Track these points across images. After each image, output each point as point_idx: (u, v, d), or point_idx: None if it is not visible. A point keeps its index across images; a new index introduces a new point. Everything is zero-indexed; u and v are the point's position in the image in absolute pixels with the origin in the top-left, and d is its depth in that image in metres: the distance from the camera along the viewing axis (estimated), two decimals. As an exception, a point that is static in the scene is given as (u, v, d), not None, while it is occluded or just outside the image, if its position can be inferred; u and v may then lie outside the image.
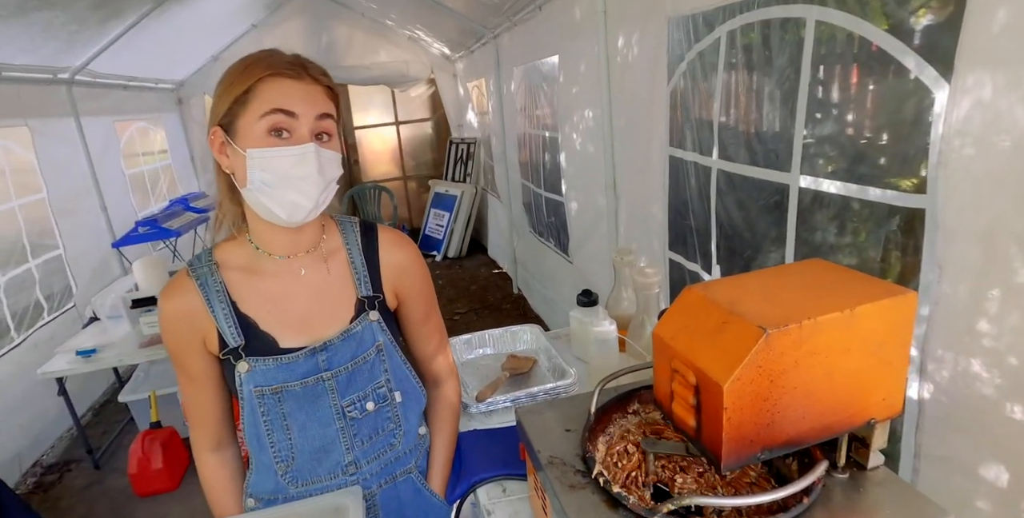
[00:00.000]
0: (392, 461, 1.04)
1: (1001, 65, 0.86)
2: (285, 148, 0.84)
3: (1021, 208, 0.89)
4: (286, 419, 0.95)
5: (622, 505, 0.68)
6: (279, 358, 0.93)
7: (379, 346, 0.98)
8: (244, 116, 0.84)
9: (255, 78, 0.84)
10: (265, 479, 1.00)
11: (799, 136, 1.27)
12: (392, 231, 1.05)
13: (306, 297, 0.96)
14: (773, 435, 0.64)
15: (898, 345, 0.67)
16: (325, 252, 0.98)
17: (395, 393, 1.01)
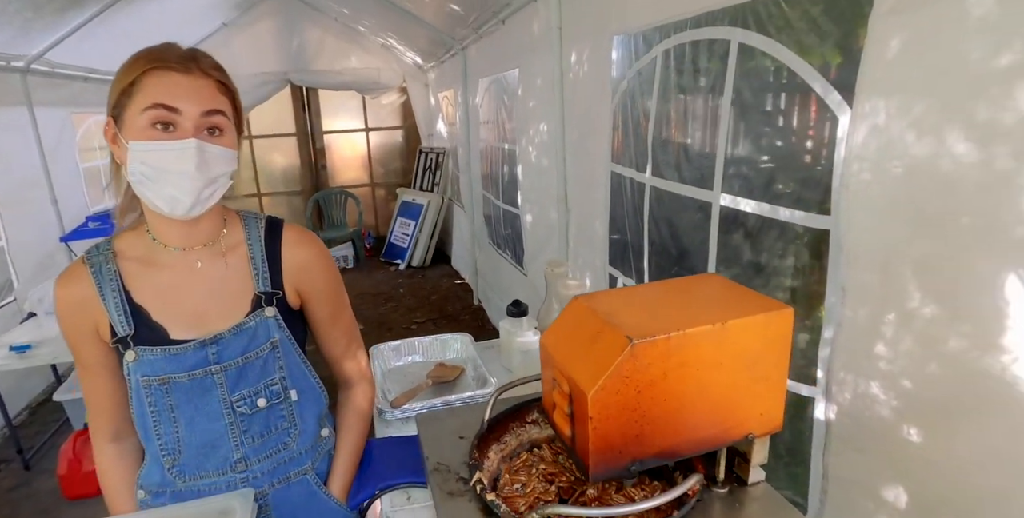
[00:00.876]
0: (286, 461, 1.01)
1: (895, 92, 0.89)
2: (165, 143, 0.83)
3: (914, 234, 0.92)
4: (173, 411, 0.94)
5: (494, 514, 0.67)
6: (167, 348, 0.91)
7: (274, 343, 0.96)
8: (130, 108, 0.83)
9: (140, 70, 0.83)
10: (153, 471, 0.99)
11: (721, 155, 1.30)
12: (298, 229, 1.03)
13: (200, 290, 0.95)
14: (643, 447, 0.64)
15: (775, 361, 0.68)
16: (224, 246, 0.97)
17: (291, 391, 0.99)
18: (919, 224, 0.89)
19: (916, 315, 0.92)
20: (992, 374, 0.82)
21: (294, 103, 6.68)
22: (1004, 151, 0.77)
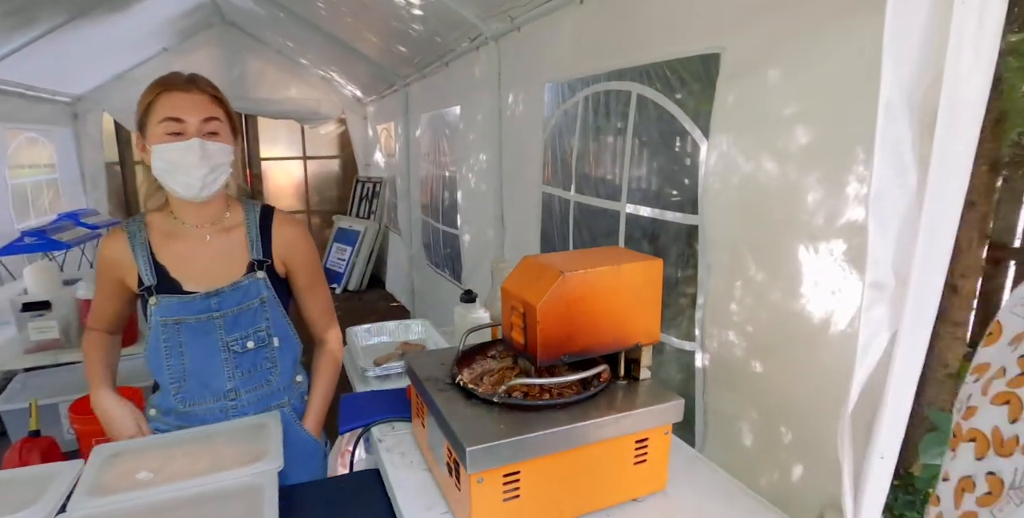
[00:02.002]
0: (268, 395, 1.32)
1: (731, 130, 1.34)
2: (176, 143, 1.16)
3: (748, 225, 1.35)
4: (181, 346, 1.24)
5: (474, 395, 1.00)
6: (181, 297, 1.23)
7: (262, 299, 1.28)
8: (150, 122, 1.17)
9: (155, 93, 1.17)
10: (163, 396, 1.28)
11: (625, 175, 1.72)
12: (286, 214, 1.38)
13: (208, 256, 1.27)
14: (572, 344, 0.99)
15: (651, 293, 1.06)
16: (228, 225, 1.30)
17: (274, 338, 1.31)
18: (750, 217, 1.33)
19: (752, 280, 1.34)
20: (797, 313, 1.23)
21: (232, 130, 6.79)
22: (792, 169, 1.21)
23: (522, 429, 0.90)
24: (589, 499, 1.00)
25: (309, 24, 4.44)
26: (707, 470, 1.15)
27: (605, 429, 0.96)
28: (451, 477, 0.97)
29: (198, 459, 1.03)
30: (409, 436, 1.28)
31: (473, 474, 0.87)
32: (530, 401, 0.98)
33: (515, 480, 0.91)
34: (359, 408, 1.38)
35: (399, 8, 3.07)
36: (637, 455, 1.01)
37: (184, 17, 5.27)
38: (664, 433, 1.03)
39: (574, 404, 0.98)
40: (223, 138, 1.21)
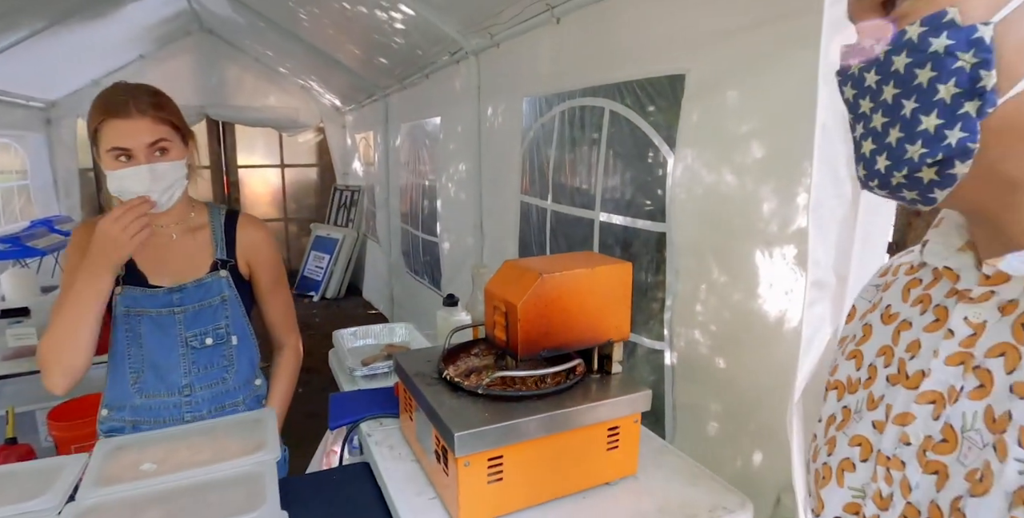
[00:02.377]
0: (223, 392, 1.36)
1: (695, 145, 1.46)
2: (125, 170, 1.20)
3: (711, 231, 1.46)
4: (141, 338, 1.28)
5: (460, 388, 1.08)
6: (144, 289, 1.28)
7: (224, 297, 1.34)
8: (99, 149, 1.22)
9: (97, 122, 1.20)
10: (119, 387, 1.30)
11: (599, 185, 1.83)
12: (251, 217, 1.44)
13: (174, 253, 1.33)
14: (549, 340, 1.08)
15: (622, 293, 1.15)
16: (193, 225, 1.36)
17: (232, 336, 1.36)
18: (712, 225, 1.44)
19: (715, 282, 1.46)
20: (754, 312, 1.35)
21: (209, 137, 6.77)
22: (749, 181, 1.33)
23: (505, 417, 0.99)
24: (566, 482, 1.09)
25: (290, 34, 4.50)
26: (675, 457, 1.25)
27: (580, 417, 1.05)
28: (439, 463, 1.05)
29: (199, 450, 1.09)
30: (396, 431, 1.35)
31: (461, 457, 0.95)
32: (512, 392, 1.07)
33: (499, 464, 1.00)
34: (348, 406, 1.45)
35: (382, 22, 3.16)
36: (609, 442, 1.11)
37: (162, 24, 5.28)
38: (634, 421, 1.13)
39: (552, 395, 1.07)
40: (173, 153, 1.24)
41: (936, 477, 0.44)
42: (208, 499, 0.97)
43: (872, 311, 0.58)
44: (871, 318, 0.58)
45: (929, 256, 0.52)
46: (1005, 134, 0.39)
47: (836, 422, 0.56)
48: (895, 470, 0.48)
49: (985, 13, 0.38)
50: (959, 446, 0.43)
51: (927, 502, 0.45)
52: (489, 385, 1.07)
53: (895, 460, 0.48)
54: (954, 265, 0.49)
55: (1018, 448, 0.39)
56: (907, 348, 0.51)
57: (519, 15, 2.18)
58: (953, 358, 0.45)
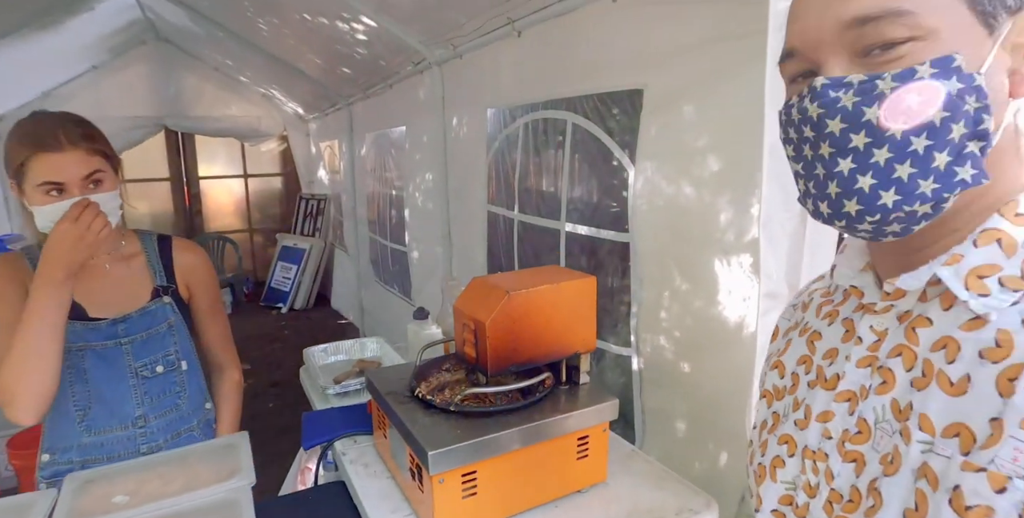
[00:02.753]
0: (177, 420, 1.34)
1: (654, 157, 1.51)
2: (58, 204, 1.12)
3: (672, 241, 1.51)
4: (86, 373, 1.24)
5: (432, 406, 1.10)
6: (86, 323, 1.23)
7: (170, 323, 1.33)
8: (26, 183, 1.14)
9: (24, 156, 1.12)
10: (60, 428, 1.24)
11: (564, 196, 1.87)
12: (185, 241, 1.42)
13: (110, 284, 1.29)
14: (518, 355, 1.11)
15: (587, 306, 1.19)
16: (126, 253, 1.33)
17: (182, 362, 1.35)
18: (673, 234, 1.49)
19: (678, 290, 1.51)
20: (715, 318, 1.40)
21: (168, 148, 6.62)
22: (706, 192, 1.38)
23: (477, 433, 1.01)
24: (539, 492, 1.12)
25: (249, 43, 4.44)
26: (643, 462, 1.29)
27: (550, 429, 1.08)
28: (414, 481, 1.07)
29: (172, 480, 1.08)
30: (371, 448, 1.36)
31: (435, 475, 0.97)
32: (483, 407, 1.09)
33: (472, 479, 1.02)
34: (321, 425, 1.45)
35: (343, 33, 3.15)
36: (580, 451, 1.14)
37: (116, 34, 5.15)
38: (603, 430, 1.16)
39: (522, 409, 1.10)
40: (107, 184, 1.19)
41: (855, 464, 0.51)
42: (182, 528, 0.96)
43: (793, 329, 0.67)
44: (792, 334, 0.66)
45: (839, 278, 0.60)
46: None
47: (768, 426, 0.63)
48: (820, 462, 0.55)
49: (973, 63, 0.43)
50: (872, 436, 0.50)
51: (848, 487, 0.51)
52: (461, 401, 1.09)
53: (819, 453, 0.55)
54: (859, 283, 0.57)
55: (919, 432, 0.46)
56: (824, 356, 0.58)
57: (480, 28, 2.21)
58: (862, 361, 0.53)
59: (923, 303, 0.50)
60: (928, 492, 0.44)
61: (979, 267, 0.46)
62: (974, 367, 0.44)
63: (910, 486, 0.45)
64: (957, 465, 0.42)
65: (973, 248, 0.46)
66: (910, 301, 0.51)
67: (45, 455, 1.25)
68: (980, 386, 0.43)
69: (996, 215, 0.46)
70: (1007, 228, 0.45)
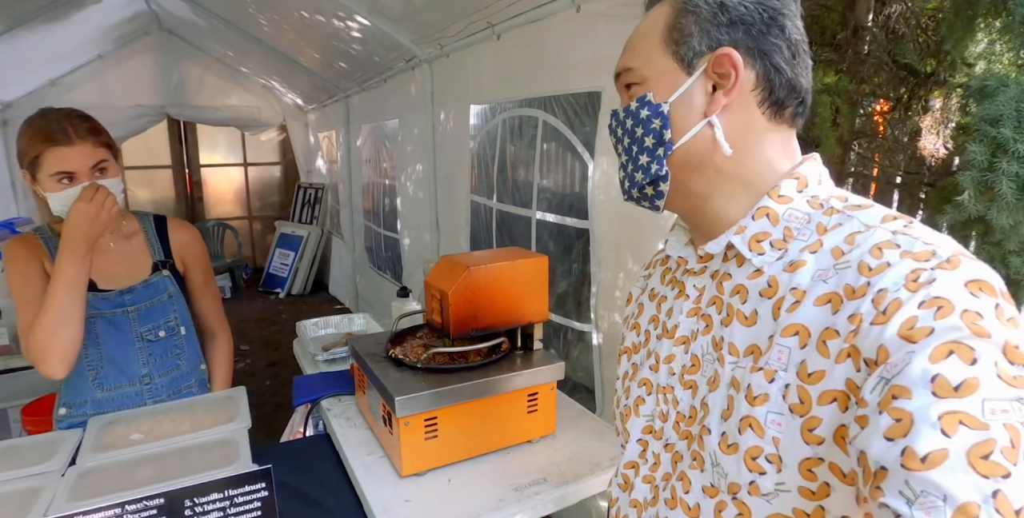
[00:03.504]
0: (178, 377, 1.53)
1: (611, 152, 1.69)
2: (69, 190, 1.29)
3: (626, 228, 1.70)
4: (98, 337, 1.41)
5: (403, 363, 1.29)
6: (97, 293, 1.40)
7: (170, 293, 1.51)
8: (39, 173, 1.30)
9: (38, 151, 1.27)
10: (77, 385, 1.41)
11: (536, 187, 2.05)
12: (178, 220, 1.60)
13: (115, 260, 1.46)
14: (478, 322, 1.30)
15: (540, 282, 1.38)
16: (127, 232, 1.50)
17: (181, 327, 1.53)
18: (626, 222, 1.67)
19: (630, 272, 1.69)
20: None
21: (171, 136, 6.78)
22: (652, 184, 1.56)
23: (439, 384, 1.20)
24: (493, 440, 1.31)
25: (250, 36, 4.60)
26: (590, 419, 1.48)
27: (503, 384, 1.27)
28: (385, 426, 1.26)
29: (181, 422, 1.27)
30: (353, 406, 1.55)
31: (401, 418, 1.16)
32: (446, 365, 1.28)
33: (434, 423, 1.21)
34: (310, 386, 1.64)
35: (339, 30, 3.31)
36: (530, 405, 1.33)
37: (121, 25, 5.29)
38: (551, 388, 1.35)
39: (480, 367, 1.29)
40: (111, 172, 1.34)
41: (691, 390, 0.70)
42: (191, 459, 1.15)
43: (642, 294, 0.85)
44: (642, 298, 0.84)
45: (669, 250, 0.78)
46: (684, 167, 0.66)
47: (629, 376, 0.82)
48: (668, 394, 0.73)
49: (666, 96, 0.65)
50: (701, 367, 0.69)
51: (688, 408, 0.70)
52: (427, 360, 1.28)
53: (667, 387, 0.73)
54: (684, 254, 0.75)
55: (729, 356, 0.64)
56: (666, 313, 0.77)
57: (464, 30, 2.38)
58: (691, 312, 0.72)
59: (726, 263, 0.68)
60: (734, 395, 0.62)
61: (757, 234, 0.64)
62: (758, 303, 0.62)
63: (725, 395, 0.63)
64: (748, 370, 0.61)
65: (752, 221, 0.65)
66: (717, 262, 0.69)
67: (62, 409, 1.43)
68: (762, 316, 0.62)
69: (766, 197, 0.64)
70: (773, 205, 0.64)
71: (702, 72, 0.63)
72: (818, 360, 0.54)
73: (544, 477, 1.24)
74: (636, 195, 0.71)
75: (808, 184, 0.64)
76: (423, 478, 1.23)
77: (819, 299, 0.56)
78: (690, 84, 0.63)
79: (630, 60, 0.68)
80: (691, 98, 0.64)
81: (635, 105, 0.66)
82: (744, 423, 0.60)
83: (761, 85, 0.63)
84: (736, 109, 0.64)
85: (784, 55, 0.63)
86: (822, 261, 0.58)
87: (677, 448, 0.71)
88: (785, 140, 0.67)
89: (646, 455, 0.77)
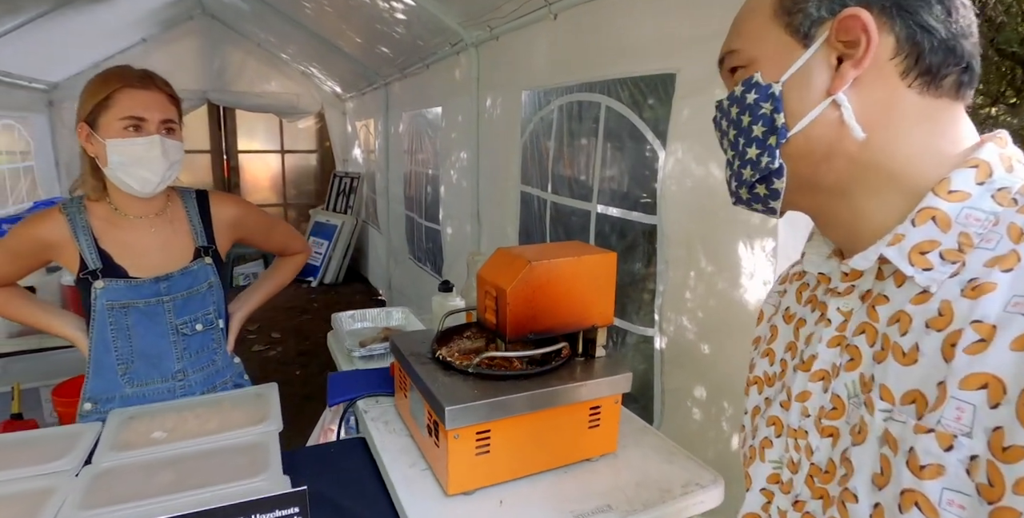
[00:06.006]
0: (213, 373, 1.40)
1: (685, 139, 1.51)
2: (138, 139, 1.20)
3: (699, 223, 1.53)
4: (129, 330, 1.29)
5: (451, 367, 1.15)
6: (129, 280, 1.27)
7: (210, 283, 1.37)
8: (105, 116, 1.19)
9: (113, 88, 1.18)
10: (103, 380, 1.30)
11: (596, 178, 1.89)
12: (220, 194, 1.45)
13: (154, 246, 1.32)
14: (537, 324, 1.15)
15: (606, 281, 1.22)
16: (170, 215, 1.36)
17: (220, 321, 1.40)
18: (700, 217, 1.50)
19: (703, 271, 1.52)
20: (737, 300, 1.42)
21: (210, 121, 6.80)
22: (734, 175, 1.39)
23: (493, 393, 1.06)
24: (550, 457, 1.16)
25: (292, 20, 4.52)
26: (654, 437, 1.32)
27: (563, 396, 1.12)
28: (431, 437, 1.12)
29: (207, 421, 1.16)
30: (391, 408, 1.42)
31: (451, 430, 1.02)
32: (500, 371, 1.14)
33: (486, 437, 1.07)
34: (345, 384, 1.52)
35: (383, 12, 3.19)
36: (591, 420, 1.18)
37: (165, 8, 5.29)
38: (615, 402, 1.20)
39: (538, 375, 1.14)
40: (177, 136, 1.25)
41: (831, 439, 0.54)
42: (215, 464, 1.03)
43: (776, 314, 0.70)
44: (776, 320, 0.69)
45: (808, 265, 0.62)
46: (805, 158, 0.53)
47: (760, 413, 0.66)
48: (800, 439, 0.58)
49: (776, 75, 0.53)
50: (846, 411, 0.53)
51: (825, 460, 0.55)
52: (479, 364, 1.13)
53: (800, 431, 0.58)
54: (826, 270, 0.60)
55: (881, 401, 0.49)
56: (805, 341, 0.61)
57: (517, 10, 2.23)
58: (832, 341, 0.56)
59: (881, 282, 0.52)
60: (890, 456, 0.47)
61: (920, 244, 0.48)
62: (922, 337, 0.47)
63: (876, 453, 0.48)
64: (911, 429, 0.45)
65: (912, 227, 0.49)
66: (868, 280, 0.54)
67: (87, 404, 1.31)
68: (928, 354, 0.46)
69: (930, 194, 0.48)
70: (942, 205, 0.48)
71: (823, 42, 0.51)
72: (1020, 431, 0.39)
73: (608, 503, 1.09)
74: (746, 196, 0.59)
75: (993, 173, 0.47)
76: (472, 497, 1.09)
77: (1019, 341, 0.40)
78: (807, 58, 0.52)
79: (734, 41, 0.58)
80: (809, 75, 0.52)
81: (740, 90, 0.56)
82: (908, 499, 0.44)
83: (904, 51, 0.49)
84: (870, 83, 0.50)
85: (934, 11, 0.48)
86: (1020, 283, 0.42)
87: (809, 508, 0.56)
88: (950, 118, 0.51)
89: (770, 509, 0.62)
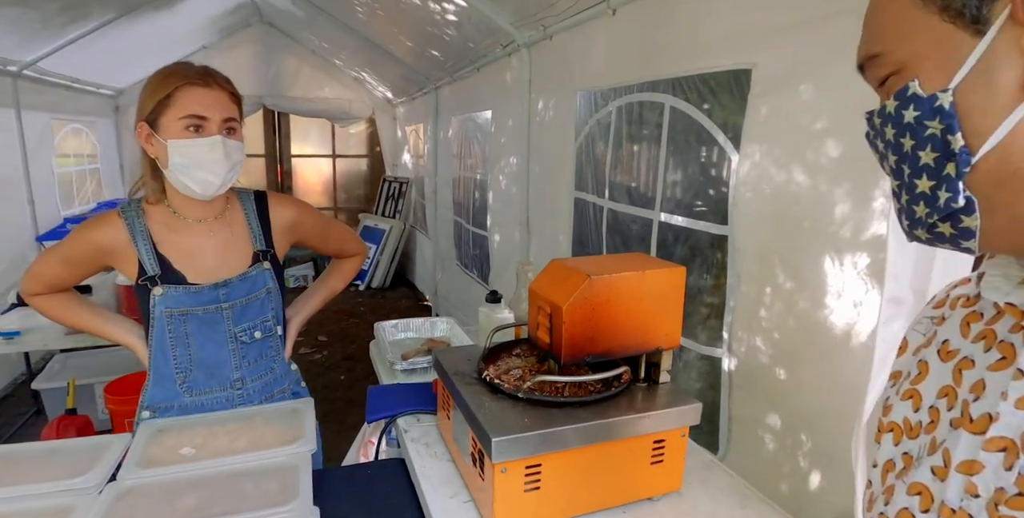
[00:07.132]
0: (271, 382, 1.33)
1: (763, 142, 1.37)
2: (199, 139, 1.13)
3: (777, 234, 1.37)
4: (188, 338, 1.23)
5: (500, 390, 1.04)
6: (188, 287, 1.21)
7: (268, 289, 1.30)
8: (166, 115, 1.13)
9: (173, 86, 1.12)
10: (163, 388, 1.25)
11: (660, 184, 1.75)
12: (279, 196, 1.38)
13: (213, 250, 1.26)
14: (595, 345, 1.03)
15: (674, 299, 1.09)
16: (229, 218, 1.29)
17: (278, 327, 1.33)
18: (779, 227, 1.35)
19: (781, 288, 1.37)
20: (820, 323, 1.26)
21: (265, 126, 6.96)
22: (823, 180, 1.23)
23: (545, 423, 0.94)
24: (607, 495, 1.03)
25: (345, 26, 4.55)
26: (723, 474, 1.18)
27: (624, 428, 0.99)
28: (475, 467, 1.01)
29: (238, 437, 1.09)
30: (434, 428, 1.32)
31: (497, 464, 0.91)
32: (554, 397, 1.02)
33: (537, 472, 0.95)
34: (386, 399, 1.43)
35: (434, 14, 3.14)
36: (654, 455, 1.04)
37: (225, 16, 5.43)
38: (681, 435, 1.06)
39: (595, 403, 1.02)
40: (238, 136, 1.20)
41: None
42: (243, 489, 0.96)
43: (927, 346, 0.54)
44: (926, 354, 0.53)
45: (988, 290, 0.47)
46: (1005, 185, 0.39)
47: (896, 469, 0.51)
48: None
49: (942, 80, 0.39)
50: None
51: None
52: (530, 389, 1.02)
53: (961, 513, 0.43)
54: (1018, 301, 0.44)
55: None
56: (971, 389, 0.46)
57: (573, 7, 2.12)
58: (1022, 402, 0.41)
59: None
60: None
61: None
62: None
63: None
64: None
65: None
66: None
67: (146, 412, 1.26)
68: None
69: None
70: None
71: (1005, 21, 0.37)
72: None
73: (674, 554, 0.96)
74: (924, 236, 0.45)
75: None
76: (518, 539, 0.97)
77: None
78: (984, 49, 0.38)
79: (873, 44, 0.45)
80: (991, 72, 0.38)
81: (893, 105, 0.43)
82: None
83: None
84: None
85: None
86: None
87: None
88: None
89: None
